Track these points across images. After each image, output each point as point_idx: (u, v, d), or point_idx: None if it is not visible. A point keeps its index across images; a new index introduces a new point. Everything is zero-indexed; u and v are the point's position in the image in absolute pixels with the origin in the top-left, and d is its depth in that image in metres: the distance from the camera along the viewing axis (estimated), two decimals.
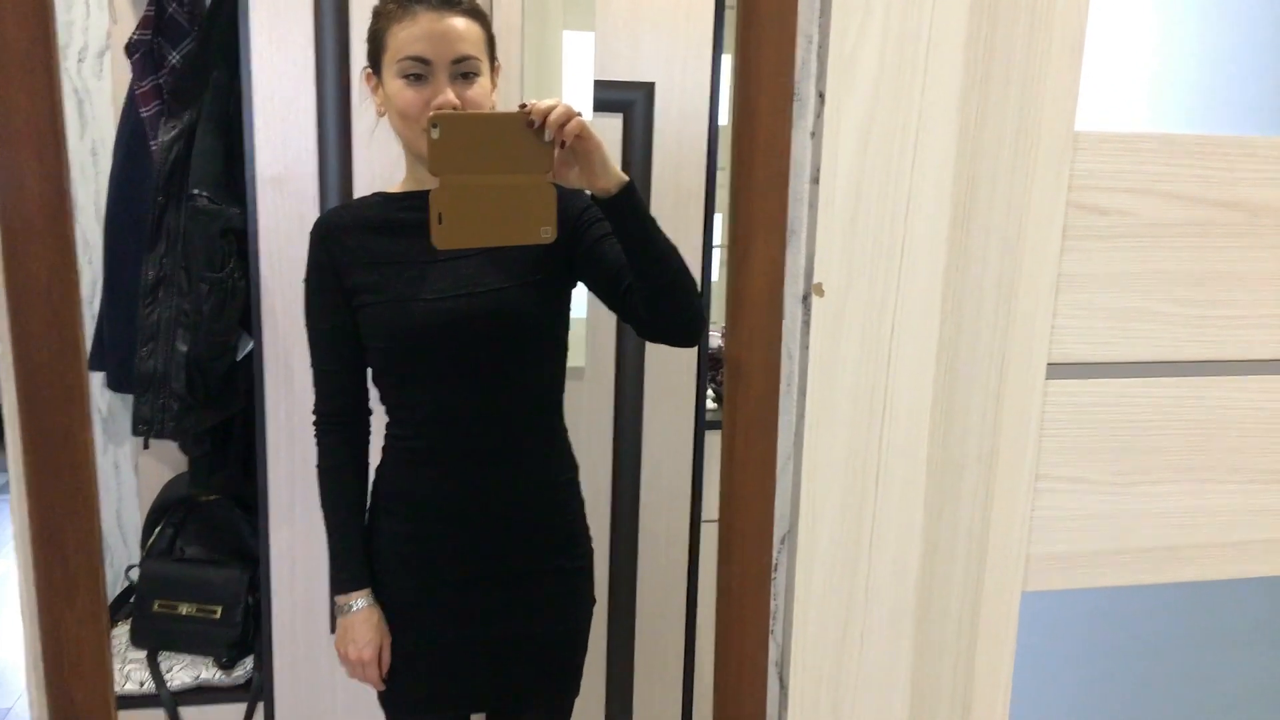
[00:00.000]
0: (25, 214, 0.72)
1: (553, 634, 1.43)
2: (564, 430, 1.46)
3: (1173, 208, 0.90)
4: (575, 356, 1.95)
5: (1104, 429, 0.93)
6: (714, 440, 2.00)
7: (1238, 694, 1.07)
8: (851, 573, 0.84)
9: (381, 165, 1.79)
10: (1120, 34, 1.21)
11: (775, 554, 0.83)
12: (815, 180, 0.80)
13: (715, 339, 2.29)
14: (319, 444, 1.42)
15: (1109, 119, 0.95)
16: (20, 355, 0.72)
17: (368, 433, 1.45)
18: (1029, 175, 0.86)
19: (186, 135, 1.90)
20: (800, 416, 0.81)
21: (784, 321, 0.81)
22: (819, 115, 0.80)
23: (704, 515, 1.99)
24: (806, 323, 0.80)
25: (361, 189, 1.79)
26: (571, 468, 1.46)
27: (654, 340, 1.36)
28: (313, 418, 1.42)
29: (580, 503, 1.47)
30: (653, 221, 1.23)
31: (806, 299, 0.80)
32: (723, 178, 2.04)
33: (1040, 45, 0.84)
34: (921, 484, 0.86)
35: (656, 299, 1.26)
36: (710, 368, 2.14)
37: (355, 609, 1.38)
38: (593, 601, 1.50)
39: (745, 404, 0.79)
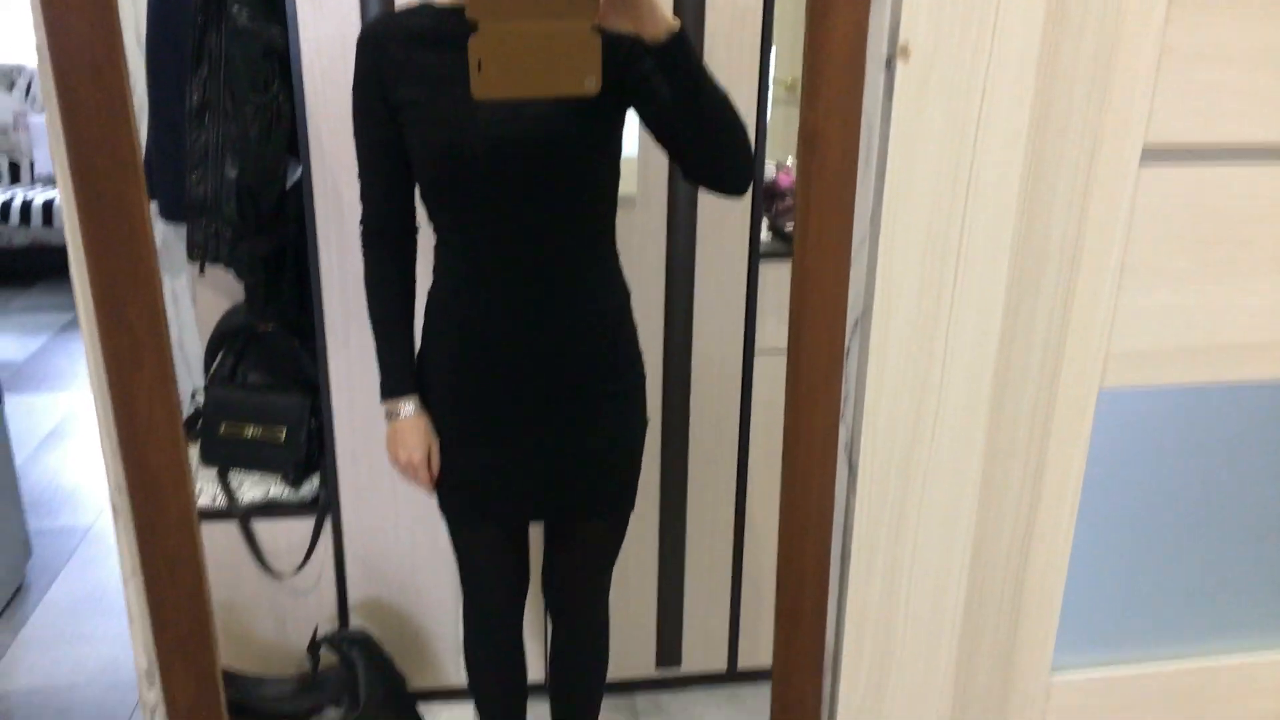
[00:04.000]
0: None
1: (606, 450, 1.45)
2: (615, 256, 1.44)
3: None
4: (627, 184, 1.90)
5: (1196, 218, 0.87)
6: (768, 272, 1.96)
7: None
8: (926, 359, 0.82)
9: None
10: None
11: (848, 337, 0.81)
12: None
13: (770, 170, 2.21)
14: (365, 257, 1.43)
15: None
16: (70, 125, 0.70)
17: (414, 247, 1.45)
18: None
19: None
20: (879, 192, 0.77)
21: (865, 89, 0.75)
22: None
23: (757, 347, 1.98)
24: (889, 90, 0.75)
25: (403, 2, 1.71)
26: (623, 293, 1.45)
27: (700, 185, 1.34)
28: (359, 229, 1.41)
29: (633, 328, 1.47)
30: (704, 71, 1.18)
31: (890, 63, 0.75)
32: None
33: None
34: (1004, 270, 0.82)
35: (705, 148, 1.23)
36: (765, 199, 2.08)
37: (403, 415, 1.42)
38: (645, 423, 1.51)
39: (820, 178, 0.75)
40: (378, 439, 1.95)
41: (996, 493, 0.87)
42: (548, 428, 1.41)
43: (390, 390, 1.44)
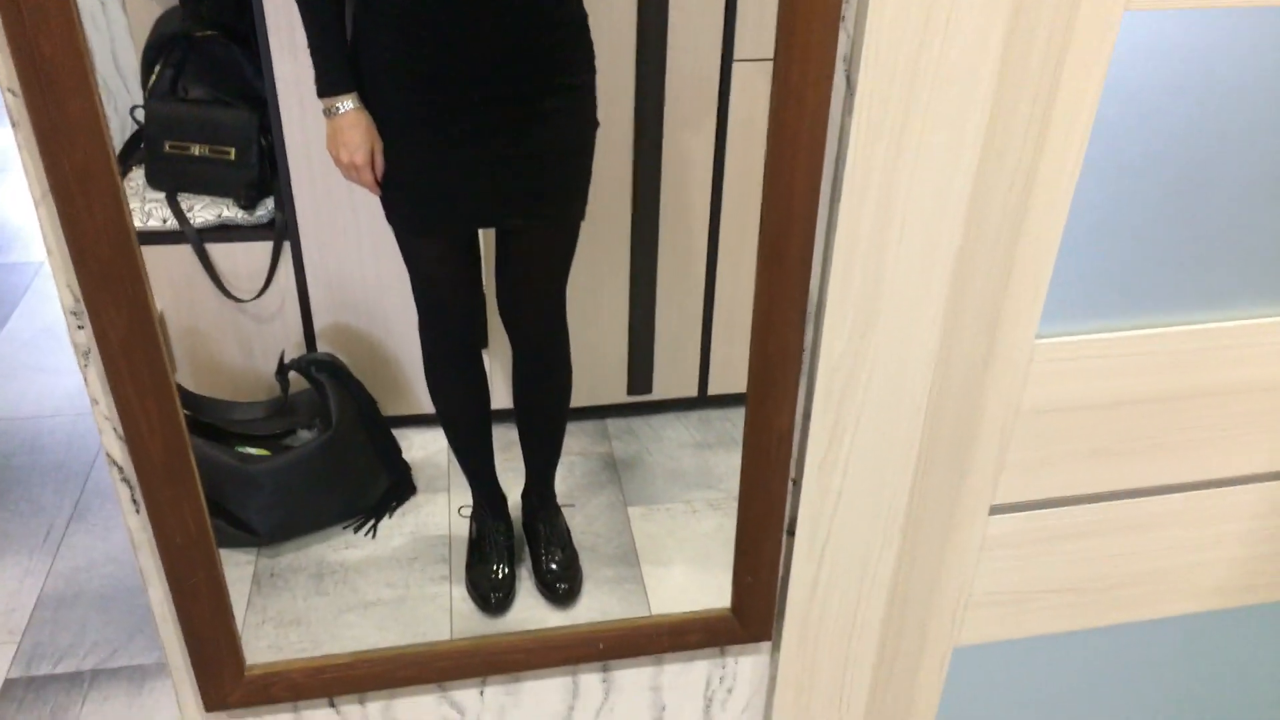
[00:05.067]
0: None
1: (553, 148, 1.39)
2: None
3: None
4: None
5: None
6: None
7: None
8: None
9: None
10: None
11: None
12: None
13: None
14: None
15: None
16: None
17: None
18: None
19: None
20: None
21: None
22: None
23: (737, 54, 1.84)
24: None
25: None
26: None
27: None
28: None
29: (583, 15, 1.36)
30: None
31: None
32: None
33: None
34: None
35: None
36: None
37: (342, 111, 1.34)
38: (595, 124, 1.43)
39: None
40: None
41: (1004, 121, 0.79)
42: (493, 124, 1.33)
43: (326, 85, 1.35)
